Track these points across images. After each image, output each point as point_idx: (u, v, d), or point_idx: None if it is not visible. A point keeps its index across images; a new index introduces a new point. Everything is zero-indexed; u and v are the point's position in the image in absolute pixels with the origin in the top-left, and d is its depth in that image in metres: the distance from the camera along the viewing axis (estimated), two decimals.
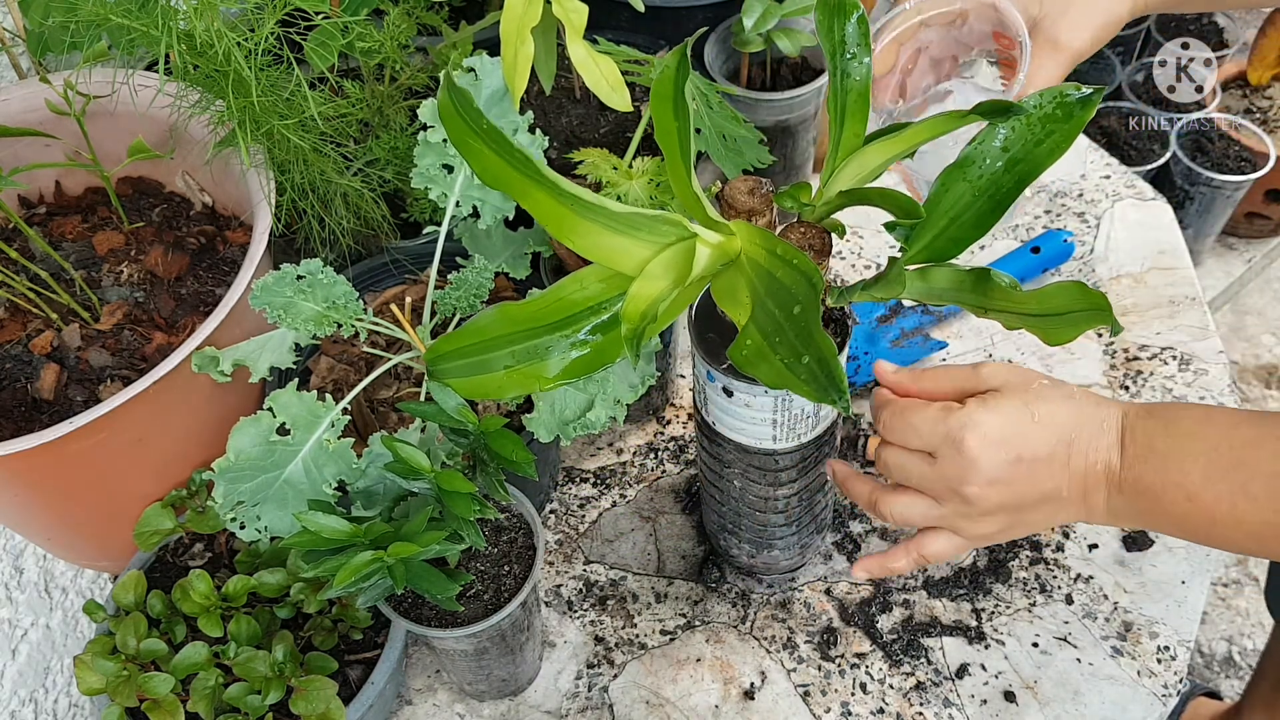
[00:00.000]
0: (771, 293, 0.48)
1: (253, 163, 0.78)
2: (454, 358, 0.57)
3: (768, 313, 0.48)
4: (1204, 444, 0.54)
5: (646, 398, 0.96)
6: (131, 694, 0.69)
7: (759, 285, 0.49)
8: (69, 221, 0.89)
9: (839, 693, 0.80)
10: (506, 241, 0.84)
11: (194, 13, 0.69)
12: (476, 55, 0.75)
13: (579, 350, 0.53)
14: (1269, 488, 0.52)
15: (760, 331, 0.48)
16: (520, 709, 0.80)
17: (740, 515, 0.76)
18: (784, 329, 0.47)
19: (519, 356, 0.54)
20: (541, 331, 0.54)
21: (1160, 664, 0.79)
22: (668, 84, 0.48)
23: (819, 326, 0.46)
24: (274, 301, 0.68)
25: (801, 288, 0.47)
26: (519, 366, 0.54)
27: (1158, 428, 0.56)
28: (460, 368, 0.57)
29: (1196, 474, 0.54)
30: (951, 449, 0.57)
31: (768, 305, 0.48)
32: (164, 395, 0.71)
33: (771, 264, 0.49)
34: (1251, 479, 0.52)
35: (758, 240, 0.51)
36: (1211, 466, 0.53)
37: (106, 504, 0.79)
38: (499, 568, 0.70)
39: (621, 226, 0.50)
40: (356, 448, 0.68)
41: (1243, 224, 1.73)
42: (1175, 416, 0.56)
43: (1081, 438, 0.57)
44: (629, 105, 0.73)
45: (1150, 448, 0.55)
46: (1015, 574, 0.85)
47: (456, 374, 0.57)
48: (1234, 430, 0.54)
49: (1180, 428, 0.55)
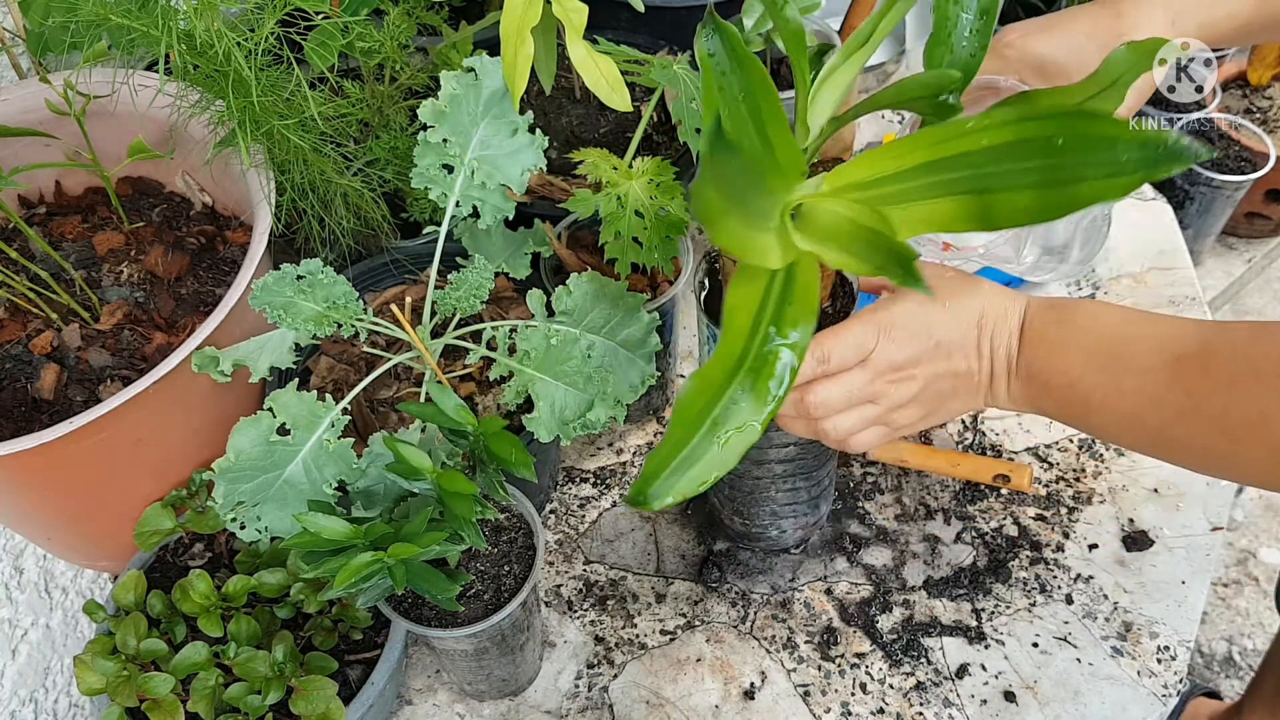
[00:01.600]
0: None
1: (253, 163, 0.78)
2: (664, 471, 0.47)
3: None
4: (1089, 336, 0.56)
5: (646, 398, 0.96)
6: (131, 694, 0.69)
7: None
8: (69, 221, 0.89)
9: (839, 693, 0.80)
10: (506, 241, 0.84)
11: (194, 13, 0.69)
12: (476, 55, 0.75)
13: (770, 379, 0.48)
14: (1139, 382, 0.53)
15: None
16: (520, 709, 0.80)
17: (740, 482, 0.77)
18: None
19: (720, 422, 0.47)
20: (729, 380, 0.48)
21: (1160, 664, 0.79)
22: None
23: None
24: (274, 301, 0.68)
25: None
26: (729, 432, 0.47)
27: (1053, 318, 0.58)
28: (675, 483, 0.47)
29: (1079, 363, 0.56)
30: (885, 338, 0.59)
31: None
32: (164, 395, 0.71)
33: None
34: (1125, 373, 0.54)
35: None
36: (1092, 358, 0.55)
37: (106, 504, 0.79)
38: (499, 568, 0.70)
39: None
40: (356, 448, 0.68)
41: (1243, 224, 1.73)
42: (1071, 309, 0.58)
43: (988, 323, 0.59)
44: (629, 105, 0.73)
45: (1043, 336, 0.58)
46: (1015, 574, 0.85)
47: (675, 487, 0.47)
48: (1119, 326, 0.56)
49: (1072, 320, 0.58)
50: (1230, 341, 0.51)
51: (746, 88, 0.41)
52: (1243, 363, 0.50)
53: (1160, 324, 0.55)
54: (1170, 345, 0.53)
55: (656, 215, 0.79)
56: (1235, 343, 0.51)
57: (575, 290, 0.74)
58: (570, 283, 0.74)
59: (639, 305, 0.75)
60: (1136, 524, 0.88)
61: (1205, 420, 0.51)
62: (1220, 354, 0.51)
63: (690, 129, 0.79)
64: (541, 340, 0.70)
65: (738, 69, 0.41)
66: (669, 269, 0.80)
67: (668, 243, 0.80)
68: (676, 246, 0.81)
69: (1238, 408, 0.49)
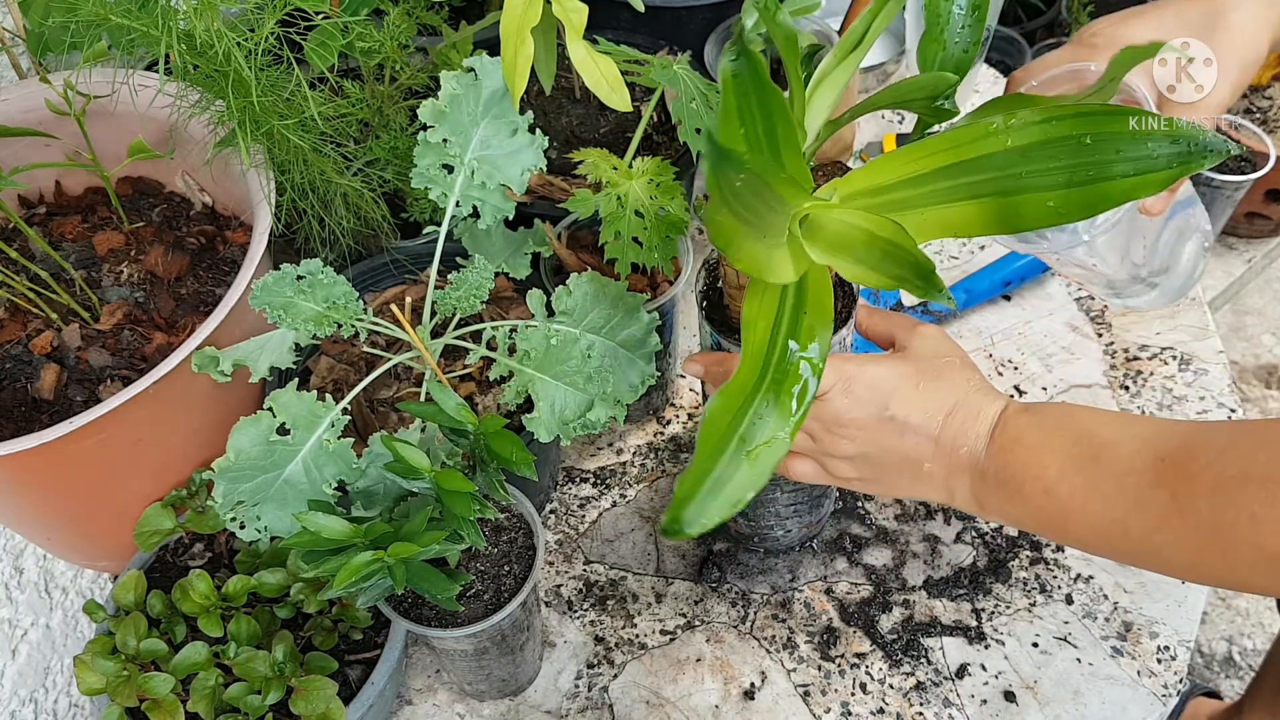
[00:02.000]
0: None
1: (253, 163, 0.78)
2: (697, 494, 0.46)
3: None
4: (1065, 440, 0.54)
5: (646, 398, 0.96)
6: (131, 694, 0.69)
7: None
8: (69, 221, 0.89)
9: (839, 693, 0.80)
10: (506, 241, 0.84)
11: (194, 13, 0.69)
12: (476, 55, 0.75)
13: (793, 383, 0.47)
14: (1119, 486, 0.51)
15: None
16: (520, 709, 0.80)
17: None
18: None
19: (747, 438, 0.46)
20: (752, 395, 0.47)
21: (1160, 664, 0.79)
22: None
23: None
24: (274, 301, 0.68)
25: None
26: (756, 448, 0.46)
27: (1028, 422, 0.57)
28: (709, 506, 0.46)
29: (1054, 468, 0.54)
30: (839, 389, 0.58)
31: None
32: (164, 395, 0.71)
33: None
34: (1104, 478, 0.52)
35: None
36: (1069, 462, 0.53)
37: (106, 504, 0.79)
38: (499, 568, 0.70)
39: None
40: (356, 448, 0.68)
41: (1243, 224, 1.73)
42: (1046, 413, 0.57)
43: (955, 419, 0.58)
44: (629, 105, 0.73)
45: (1017, 440, 0.56)
46: (1015, 574, 0.85)
47: (709, 511, 0.46)
48: (1097, 429, 0.54)
49: (1047, 423, 0.56)
50: (1212, 443, 0.49)
51: (765, 108, 0.42)
52: (1228, 464, 0.48)
53: (1140, 425, 0.53)
54: (1150, 446, 0.51)
55: (656, 215, 0.79)
56: (1217, 444, 0.49)
57: (575, 290, 0.74)
58: (570, 283, 0.74)
59: (639, 305, 0.75)
60: None
61: (1190, 525, 0.48)
62: (1202, 456, 0.49)
63: (690, 129, 0.79)
64: (541, 340, 0.70)
65: (760, 91, 0.41)
66: (669, 269, 0.80)
67: (668, 243, 0.80)
68: (676, 246, 0.81)
69: (1225, 511, 0.47)
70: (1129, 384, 0.97)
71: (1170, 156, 0.42)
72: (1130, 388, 0.97)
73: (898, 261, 0.45)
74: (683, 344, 1.04)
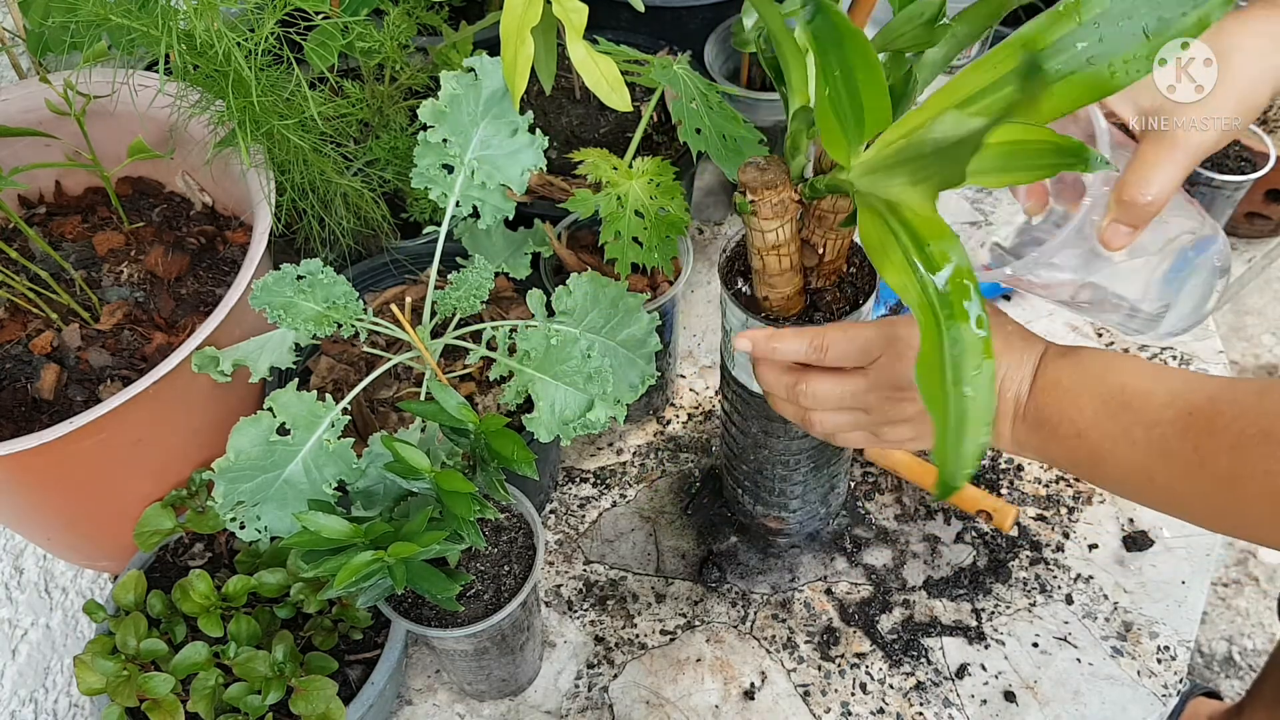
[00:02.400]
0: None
1: (253, 163, 0.78)
2: (946, 449, 0.45)
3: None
4: (1102, 385, 0.56)
5: (646, 398, 0.96)
6: (131, 694, 0.69)
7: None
8: (69, 221, 0.89)
9: (839, 693, 0.79)
10: (506, 241, 0.84)
11: (194, 13, 0.69)
12: (476, 55, 0.75)
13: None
14: (1148, 435, 0.53)
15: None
16: (520, 709, 0.80)
17: (759, 470, 0.78)
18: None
19: (959, 375, 0.46)
20: (939, 338, 0.47)
21: (1160, 664, 0.79)
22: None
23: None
24: (274, 301, 0.68)
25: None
26: (969, 374, 0.46)
27: (1067, 366, 0.58)
28: (965, 450, 0.45)
29: (1089, 411, 0.55)
30: (892, 353, 0.59)
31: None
32: (164, 395, 0.71)
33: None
34: (1135, 424, 0.53)
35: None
36: (1104, 406, 0.55)
37: (106, 504, 0.78)
38: (499, 568, 0.70)
39: None
40: (356, 448, 0.68)
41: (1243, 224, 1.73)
42: (1086, 358, 0.58)
43: (1001, 363, 0.59)
44: (629, 105, 0.73)
45: (1056, 382, 0.57)
46: (1015, 574, 0.85)
47: (969, 454, 0.45)
48: (1133, 377, 0.55)
49: (1087, 369, 0.57)
50: (1237, 399, 0.51)
51: (843, 60, 0.45)
52: (1249, 422, 0.50)
53: (1174, 378, 0.55)
54: (1181, 400, 0.53)
55: (656, 215, 0.79)
56: (1242, 401, 0.51)
57: (575, 290, 0.74)
58: (570, 283, 0.74)
59: (639, 305, 0.75)
60: (1136, 524, 0.88)
61: (1211, 478, 0.50)
62: (1227, 412, 0.51)
63: (690, 129, 0.79)
64: (541, 340, 0.70)
65: (839, 44, 0.45)
66: (669, 269, 0.80)
67: (668, 243, 0.80)
68: (676, 246, 0.81)
69: (1244, 467, 0.49)
70: None
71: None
72: None
73: (1027, 154, 0.45)
74: (683, 344, 1.04)
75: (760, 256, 0.62)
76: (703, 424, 0.98)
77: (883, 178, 0.49)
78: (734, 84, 1.05)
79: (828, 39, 0.45)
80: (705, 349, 1.04)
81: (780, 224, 0.59)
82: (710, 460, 0.95)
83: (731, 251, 0.69)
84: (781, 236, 0.60)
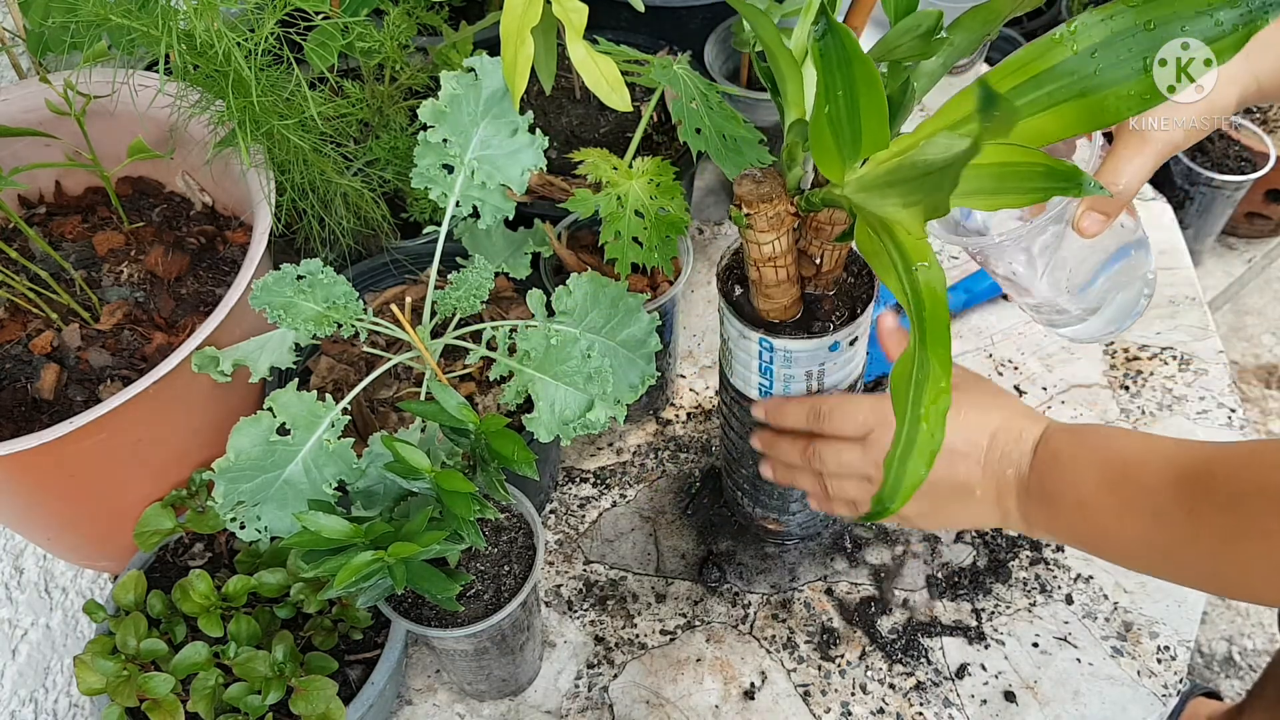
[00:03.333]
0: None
1: (253, 163, 0.78)
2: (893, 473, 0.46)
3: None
4: (1100, 456, 0.56)
5: (646, 398, 0.96)
6: (131, 694, 0.69)
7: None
8: (69, 221, 0.89)
9: (839, 693, 0.80)
10: (506, 241, 0.84)
11: (194, 13, 0.69)
12: (476, 55, 0.75)
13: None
14: (1145, 504, 0.53)
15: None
16: (520, 709, 0.80)
17: (758, 473, 0.78)
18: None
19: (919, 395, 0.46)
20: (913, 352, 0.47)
21: (1160, 664, 0.79)
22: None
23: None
24: (274, 301, 0.68)
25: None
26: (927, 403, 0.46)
27: (1066, 440, 0.58)
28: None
29: (1090, 482, 0.55)
30: (884, 428, 0.60)
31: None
32: (164, 395, 0.70)
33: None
34: (1134, 494, 0.53)
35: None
36: (1103, 478, 0.55)
37: (106, 504, 0.78)
38: (499, 568, 0.70)
39: None
40: (356, 448, 0.68)
41: (1243, 224, 1.73)
42: (1086, 432, 0.58)
43: (999, 441, 0.59)
44: (629, 105, 0.73)
45: (1057, 456, 0.58)
46: (1015, 574, 0.85)
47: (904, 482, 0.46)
48: (1131, 448, 0.55)
49: (1085, 442, 0.57)
50: (1231, 461, 0.51)
51: (849, 81, 0.45)
52: (1244, 480, 0.49)
53: (1167, 444, 0.55)
54: (1174, 465, 0.53)
55: (656, 215, 0.79)
56: (1236, 462, 0.50)
57: (575, 290, 0.74)
58: (570, 283, 0.74)
59: (639, 305, 0.75)
60: None
61: (1208, 540, 0.50)
62: (1220, 473, 0.50)
63: (690, 129, 0.79)
64: (541, 340, 0.70)
65: (847, 64, 0.45)
66: (669, 269, 0.80)
67: (668, 243, 0.80)
68: (676, 246, 0.81)
69: (1241, 525, 0.48)
70: (1129, 384, 0.97)
71: (1235, 20, 0.44)
72: (1130, 388, 0.97)
73: (1020, 177, 0.46)
74: (683, 344, 1.04)
75: (757, 268, 0.62)
76: (703, 424, 0.98)
77: (876, 196, 0.49)
78: (734, 84, 1.05)
79: (835, 59, 0.45)
80: (705, 349, 1.04)
81: (776, 236, 0.59)
82: (710, 460, 0.95)
83: (729, 260, 0.69)
84: (778, 248, 0.60)
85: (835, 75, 0.45)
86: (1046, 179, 0.45)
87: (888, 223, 0.49)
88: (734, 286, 0.68)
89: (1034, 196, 0.46)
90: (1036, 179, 0.45)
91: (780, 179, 0.59)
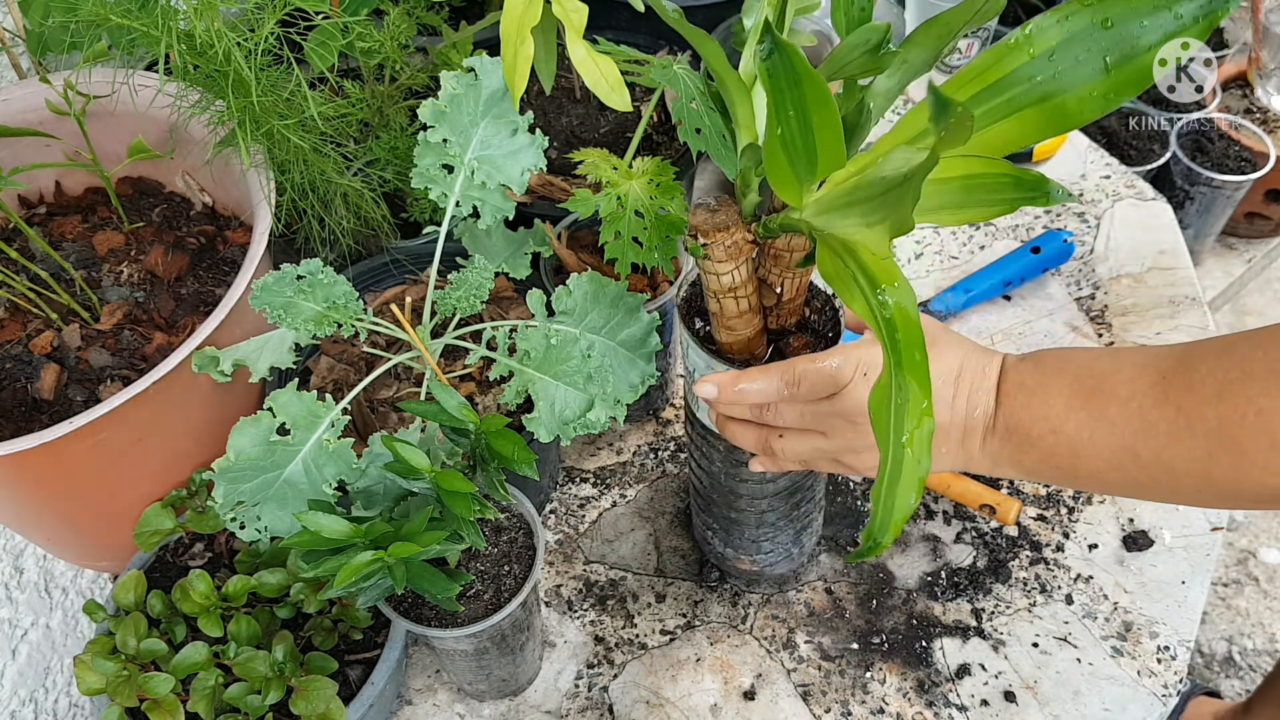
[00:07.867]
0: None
1: (253, 163, 0.78)
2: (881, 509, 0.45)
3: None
4: (1066, 376, 0.54)
5: (646, 398, 0.96)
6: (131, 694, 0.69)
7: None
8: (69, 221, 0.89)
9: (839, 693, 0.80)
10: (507, 241, 0.84)
11: (194, 13, 0.69)
12: (476, 55, 0.75)
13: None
14: (1124, 411, 0.51)
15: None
16: (520, 709, 0.80)
17: (728, 513, 0.77)
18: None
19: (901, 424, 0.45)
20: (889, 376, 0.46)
21: (1160, 664, 0.79)
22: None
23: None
24: (274, 301, 0.68)
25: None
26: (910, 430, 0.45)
27: (1027, 368, 0.56)
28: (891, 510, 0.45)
29: (1060, 404, 0.54)
30: (861, 380, 0.57)
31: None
32: (164, 395, 0.71)
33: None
34: (1109, 405, 0.52)
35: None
36: (1073, 396, 0.53)
37: (106, 504, 0.79)
38: (499, 568, 0.70)
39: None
40: (356, 448, 0.68)
41: (1243, 224, 1.73)
42: (1044, 356, 0.57)
43: (964, 382, 0.57)
44: (629, 105, 0.73)
45: (1020, 384, 0.56)
46: (1015, 574, 0.85)
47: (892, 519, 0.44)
48: (1094, 362, 0.54)
49: (1047, 364, 0.56)
50: (1209, 353, 0.50)
51: (799, 100, 0.43)
52: (1228, 369, 0.48)
53: (1134, 353, 0.54)
54: (1149, 369, 0.51)
55: (656, 215, 0.79)
56: (1214, 352, 0.49)
57: (575, 290, 0.74)
58: (570, 283, 0.74)
59: (639, 305, 0.75)
60: (1136, 524, 0.88)
61: (1200, 434, 0.49)
62: (1202, 366, 0.49)
63: (690, 129, 0.79)
64: (541, 340, 0.70)
65: (796, 84, 0.43)
66: (669, 269, 0.80)
67: (668, 243, 0.80)
68: (676, 246, 0.81)
69: (1233, 411, 0.47)
70: None
71: (1195, 11, 0.43)
72: None
73: (986, 189, 0.44)
74: None
75: (717, 300, 0.60)
76: None
77: (837, 217, 0.48)
78: None
79: (783, 79, 0.43)
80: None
81: (735, 266, 0.57)
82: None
83: (688, 291, 0.66)
84: (737, 279, 0.58)
85: (785, 95, 0.43)
86: (1014, 189, 0.44)
87: (850, 245, 0.47)
88: (695, 318, 0.65)
89: (1002, 208, 0.45)
90: (1004, 189, 0.44)
91: (736, 207, 0.57)
